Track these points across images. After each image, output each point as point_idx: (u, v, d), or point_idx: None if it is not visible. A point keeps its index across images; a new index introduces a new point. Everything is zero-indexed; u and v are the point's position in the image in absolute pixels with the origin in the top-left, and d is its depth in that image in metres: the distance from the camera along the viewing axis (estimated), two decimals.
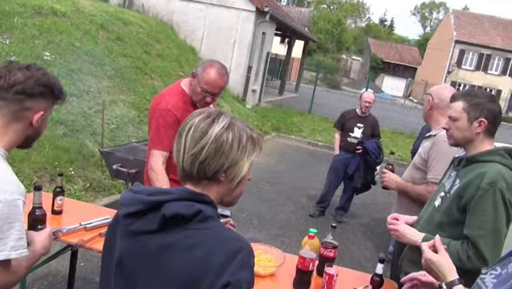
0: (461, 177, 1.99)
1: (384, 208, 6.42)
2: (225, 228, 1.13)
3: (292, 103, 15.96)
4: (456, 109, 2.00)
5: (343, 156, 5.57)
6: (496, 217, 1.84)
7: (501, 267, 1.41)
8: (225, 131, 1.12)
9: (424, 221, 2.12)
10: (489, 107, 1.97)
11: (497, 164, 1.90)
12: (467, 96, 2.00)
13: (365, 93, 5.65)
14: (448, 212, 1.98)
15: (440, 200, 2.06)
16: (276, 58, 25.02)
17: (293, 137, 11.26)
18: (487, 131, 1.98)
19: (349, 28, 60.36)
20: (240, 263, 1.04)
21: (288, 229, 5.10)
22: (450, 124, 2.03)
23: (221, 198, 1.18)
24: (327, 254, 2.25)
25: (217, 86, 2.43)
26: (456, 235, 1.94)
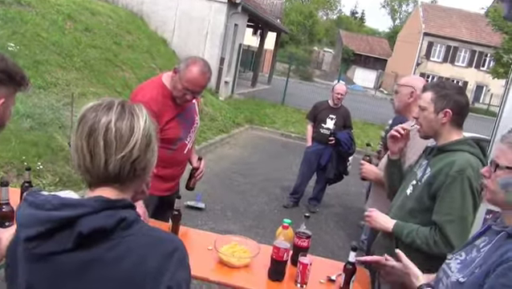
0: (431, 166, 2.04)
1: (356, 198, 6.54)
2: (153, 228, 1.05)
3: (265, 95, 15.98)
4: (425, 99, 2.05)
5: (316, 147, 5.62)
6: (463, 205, 1.90)
7: (465, 252, 1.47)
8: (149, 124, 1.06)
9: (397, 208, 2.17)
10: (456, 98, 2.03)
11: (466, 153, 1.96)
12: (436, 87, 2.05)
13: (337, 85, 5.71)
14: (419, 199, 2.04)
15: (412, 188, 2.12)
16: (248, 49, 24.93)
17: (266, 129, 11.29)
18: (453, 121, 2.04)
19: (321, 20, 60.67)
20: (177, 264, 0.99)
21: (262, 221, 5.12)
22: (419, 114, 2.09)
23: (135, 194, 1.10)
24: (301, 244, 2.28)
25: (199, 85, 2.38)
26: (426, 222, 2.00)
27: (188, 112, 2.60)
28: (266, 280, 2.14)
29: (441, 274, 1.50)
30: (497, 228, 1.38)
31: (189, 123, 2.61)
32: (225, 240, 2.34)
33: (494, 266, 1.24)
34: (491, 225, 1.43)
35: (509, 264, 1.20)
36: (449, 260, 1.52)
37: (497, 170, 1.32)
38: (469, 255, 1.43)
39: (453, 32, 34.62)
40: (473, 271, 1.32)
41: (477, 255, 1.38)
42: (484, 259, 1.32)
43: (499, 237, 1.33)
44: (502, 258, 1.23)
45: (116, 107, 1.03)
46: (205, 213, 5.09)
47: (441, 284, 1.47)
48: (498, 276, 1.21)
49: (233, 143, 9.32)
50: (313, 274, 2.16)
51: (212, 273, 2.13)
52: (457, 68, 34.27)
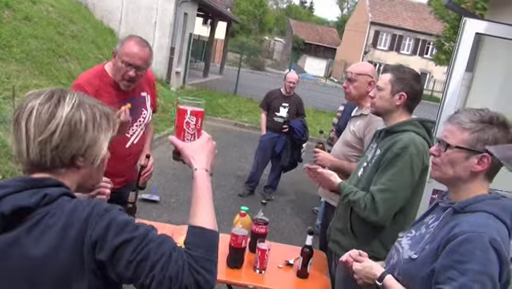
0: (380, 148, 2.12)
1: (310, 184, 6.60)
2: (77, 200, 1.01)
3: (217, 85, 15.86)
4: (384, 80, 2.13)
5: (270, 135, 5.66)
6: (400, 179, 1.99)
7: (415, 230, 1.53)
8: (76, 110, 1.01)
9: None
10: (412, 84, 2.13)
11: (411, 132, 2.05)
12: (395, 71, 2.14)
13: (289, 73, 5.76)
14: (369, 180, 2.11)
15: (363, 169, 2.19)
16: (199, 39, 24.60)
17: (219, 119, 11.23)
18: (406, 105, 2.13)
19: (271, 9, 60.85)
20: (95, 222, 0.95)
21: (218, 210, 5.06)
22: (376, 93, 2.16)
23: (80, 184, 1.08)
24: (259, 231, 2.30)
25: (138, 57, 2.24)
26: None
27: (133, 104, 2.42)
28: (225, 268, 2.15)
29: (393, 251, 1.56)
30: (444, 204, 1.45)
31: (134, 115, 2.43)
32: (183, 231, 2.31)
33: (443, 242, 1.30)
34: (438, 203, 1.50)
35: (458, 240, 1.26)
36: (400, 238, 1.58)
37: (447, 149, 1.37)
38: (419, 232, 1.50)
39: (397, 21, 35.84)
40: (424, 248, 1.38)
41: (426, 232, 1.44)
42: (433, 235, 1.38)
43: (446, 213, 1.39)
44: (450, 235, 1.29)
45: (46, 94, 1.01)
46: (160, 205, 5.01)
47: (392, 260, 1.52)
48: (449, 253, 1.26)
49: None
50: (271, 259, 2.19)
51: None
52: (403, 56, 35.53)
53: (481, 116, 1.34)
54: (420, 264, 1.36)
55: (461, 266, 1.22)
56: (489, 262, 1.21)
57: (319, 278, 2.21)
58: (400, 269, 1.45)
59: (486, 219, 1.29)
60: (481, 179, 1.37)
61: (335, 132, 4.37)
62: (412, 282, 1.38)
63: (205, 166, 1.14)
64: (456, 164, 1.36)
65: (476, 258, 1.21)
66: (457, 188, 1.40)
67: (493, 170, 1.36)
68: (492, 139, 1.31)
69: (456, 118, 1.38)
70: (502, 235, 1.26)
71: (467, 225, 1.27)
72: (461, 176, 1.37)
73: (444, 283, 1.24)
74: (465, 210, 1.34)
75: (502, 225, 1.29)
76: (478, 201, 1.34)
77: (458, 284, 1.21)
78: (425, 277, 1.33)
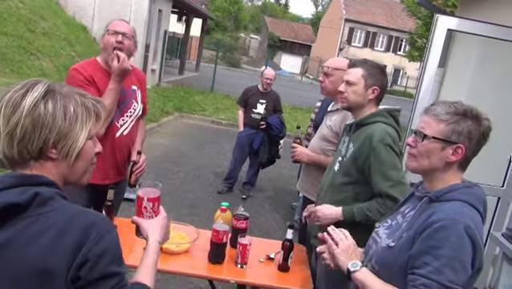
0: (353, 141, 2.16)
1: (289, 180, 6.71)
2: (71, 205, 1.01)
3: (193, 83, 15.76)
4: (355, 75, 2.16)
5: (248, 132, 5.67)
6: (394, 166, 2.03)
7: (391, 219, 1.58)
8: (41, 100, 0.98)
9: (328, 185, 2.26)
10: (382, 78, 2.20)
11: (381, 123, 2.10)
12: (365, 65, 2.17)
13: (266, 70, 5.78)
14: (347, 173, 2.15)
15: (339, 164, 2.22)
16: (174, 36, 24.37)
17: (196, 116, 11.17)
18: (377, 98, 2.18)
19: (246, 6, 60.73)
20: (97, 237, 0.96)
21: (198, 208, 5.10)
22: (346, 88, 2.18)
23: (64, 178, 1.06)
24: (240, 226, 2.31)
25: (123, 26, 2.37)
26: (355, 193, 2.12)
27: (124, 95, 2.49)
28: (207, 264, 2.15)
29: (371, 241, 1.60)
30: (419, 194, 1.50)
31: (124, 104, 2.48)
32: None
33: (420, 230, 1.34)
34: (414, 192, 1.55)
35: (434, 227, 1.30)
36: (377, 228, 1.61)
37: (424, 140, 1.41)
38: (395, 221, 1.54)
39: (371, 18, 36.34)
40: (401, 236, 1.42)
41: (403, 221, 1.48)
42: (410, 224, 1.42)
43: (422, 202, 1.43)
44: (426, 223, 1.33)
45: (21, 85, 1.00)
46: None
47: (371, 250, 1.56)
48: (425, 239, 1.31)
49: (163, 132, 9.11)
50: (252, 254, 2.20)
51: None
52: (377, 53, 36.06)
53: (456, 108, 1.39)
54: (398, 252, 1.40)
55: (436, 252, 1.27)
56: (462, 248, 1.26)
57: (300, 272, 2.23)
58: (378, 258, 1.48)
59: (461, 207, 1.34)
60: (455, 169, 1.42)
61: (313, 128, 4.42)
62: (390, 270, 1.42)
63: (158, 239, 1.31)
64: (432, 154, 1.41)
65: (450, 244, 1.26)
66: (432, 178, 1.45)
67: (466, 161, 1.42)
68: (466, 131, 1.37)
69: (432, 110, 1.43)
70: (476, 222, 1.31)
71: (443, 213, 1.32)
72: (436, 166, 1.41)
73: (418, 268, 1.29)
74: (441, 199, 1.38)
75: (476, 213, 1.34)
76: (453, 190, 1.39)
77: (431, 268, 1.26)
78: (403, 264, 1.37)
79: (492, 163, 3.97)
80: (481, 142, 1.39)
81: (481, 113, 1.40)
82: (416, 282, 1.27)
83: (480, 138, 1.38)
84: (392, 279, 1.43)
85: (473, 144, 1.38)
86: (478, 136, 1.38)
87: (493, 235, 2.71)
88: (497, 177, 3.78)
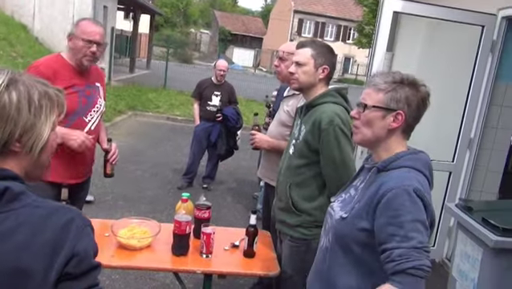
0: (305, 123, 2.17)
1: (248, 171, 6.71)
2: (45, 200, 0.98)
3: (145, 80, 15.41)
4: (304, 55, 2.15)
5: (204, 125, 5.61)
6: (340, 149, 2.03)
7: (344, 193, 1.61)
8: (4, 91, 0.92)
9: (285, 169, 2.25)
10: (331, 57, 2.22)
11: (330, 104, 2.11)
12: (313, 45, 2.17)
13: (219, 61, 5.73)
14: (301, 155, 2.15)
15: (293, 147, 2.22)
16: (122, 34, 23.68)
17: (150, 114, 10.93)
18: (327, 77, 2.19)
19: (194, 1, 60.00)
20: (78, 234, 0.94)
21: (158, 205, 5.00)
22: (297, 69, 2.17)
23: (25, 173, 1.01)
24: (202, 216, 2.28)
25: (96, 32, 2.35)
26: (313, 174, 2.13)
27: (90, 91, 2.48)
28: (171, 256, 2.10)
29: (327, 216, 1.62)
30: (368, 166, 1.54)
31: (90, 101, 2.47)
32: (122, 224, 2.23)
33: (374, 202, 1.37)
34: (364, 165, 1.59)
35: (387, 197, 1.34)
36: (333, 202, 1.64)
37: (365, 110, 1.46)
38: (348, 194, 1.58)
39: (320, 9, 36.93)
40: (354, 207, 1.46)
41: (355, 193, 1.53)
42: (361, 195, 1.46)
43: (371, 173, 1.47)
44: (379, 194, 1.36)
45: None
46: (95, 205, 4.79)
47: (327, 224, 1.59)
48: (383, 212, 1.34)
49: (116, 132, 8.85)
50: (217, 243, 2.18)
51: (112, 259, 2.02)
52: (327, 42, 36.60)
53: (393, 77, 1.45)
54: (350, 222, 1.43)
55: (397, 220, 1.30)
56: (418, 210, 1.32)
57: (267, 256, 2.23)
58: (333, 230, 1.52)
59: (408, 173, 1.39)
60: (399, 137, 1.47)
61: (270, 118, 4.42)
62: (345, 240, 1.46)
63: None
64: (374, 123, 1.45)
65: (407, 209, 1.31)
66: (378, 148, 1.49)
67: (409, 127, 1.47)
68: (404, 97, 1.42)
69: (372, 81, 1.49)
70: (423, 184, 1.37)
71: (392, 182, 1.36)
72: (379, 134, 1.46)
73: (386, 242, 1.31)
74: (388, 168, 1.43)
75: (422, 176, 1.40)
76: (399, 158, 1.43)
77: (399, 237, 1.28)
78: (356, 233, 1.41)
79: (442, 140, 4.14)
80: (420, 107, 1.44)
81: (418, 80, 1.45)
82: (391, 256, 1.29)
83: (419, 103, 1.43)
84: (347, 250, 1.45)
85: (412, 109, 1.42)
86: (417, 102, 1.43)
87: (448, 206, 2.82)
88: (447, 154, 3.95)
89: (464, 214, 2.61)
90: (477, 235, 2.44)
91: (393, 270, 1.27)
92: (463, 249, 2.66)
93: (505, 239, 2.27)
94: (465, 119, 3.85)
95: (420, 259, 1.26)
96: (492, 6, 3.65)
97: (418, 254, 1.26)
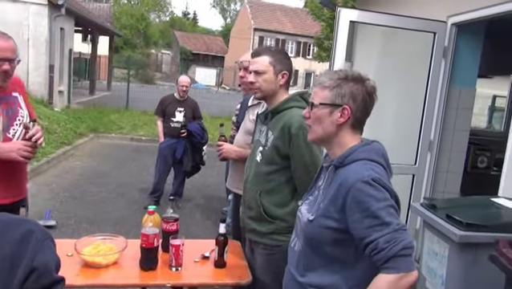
0: (272, 130, 2.16)
1: (216, 187, 6.66)
2: (2, 213, 0.94)
3: (107, 102, 15.13)
4: (263, 63, 2.16)
5: (169, 141, 5.54)
6: (311, 153, 2.04)
7: (310, 195, 1.62)
8: None
9: (253, 176, 2.23)
10: (288, 62, 2.23)
11: (296, 108, 2.12)
12: (269, 52, 2.19)
13: (181, 77, 5.71)
14: (270, 162, 2.13)
15: (261, 154, 2.20)
16: (81, 57, 23.26)
17: (113, 136, 10.72)
18: (286, 83, 2.21)
19: (154, 23, 59.78)
20: (37, 247, 0.90)
21: (124, 225, 4.86)
22: (257, 78, 2.17)
23: None
24: (170, 228, 2.22)
25: (6, 49, 2.14)
26: (284, 179, 2.11)
27: (7, 103, 2.27)
28: (139, 272, 2.04)
29: (297, 220, 1.62)
30: (326, 164, 1.55)
31: (11, 114, 2.27)
32: (86, 242, 2.15)
33: (339, 203, 1.38)
34: (323, 165, 1.60)
35: (351, 195, 1.35)
36: (300, 206, 1.64)
37: (313, 108, 1.49)
38: (313, 196, 1.59)
39: (279, 26, 37.65)
40: (318, 208, 1.47)
41: (318, 194, 1.53)
42: (324, 195, 1.47)
43: (329, 171, 1.49)
44: (341, 193, 1.38)
45: None
46: (58, 230, 4.61)
47: (298, 228, 1.58)
48: (352, 209, 1.35)
49: (78, 154, 8.62)
50: (187, 255, 2.13)
51: (77, 278, 1.93)
52: None
53: (338, 74, 1.48)
54: (317, 223, 1.44)
55: (369, 212, 1.32)
56: (382, 195, 1.34)
57: (238, 265, 2.20)
58: (303, 233, 1.52)
59: (364, 165, 1.41)
60: (349, 131, 1.49)
61: (236, 129, 4.41)
62: (315, 241, 1.46)
63: None
64: (322, 120, 1.48)
65: (374, 199, 1.33)
66: (331, 144, 1.52)
67: (358, 121, 1.49)
68: (348, 92, 1.45)
69: (318, 80, 1.53)
70: (379, 172, 1.40)
71: (351, 177, 1.38)
72: (329, 131, 1.48)
73: (367, 235, 1.32)
74: (344, 163, 1.44)
75: (378, 166, 1.43)
76: (352, 152, 1.46)
77: (379, 227, 1.30)
78: (324, 233, 1.42)
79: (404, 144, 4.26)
80: (366, 101, 1.46)
81: (363, 75, 1.49)
82: (378, 246, 1.29)
83: (364, 97, 1.46)
84: (319, 251, 1.46)
85: (358, 103, 1.45)
86: (362, 96, 1.45)
87: (413, 206, 2.87)
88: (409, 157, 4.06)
89: (429, 212, 2.66)
90: (442, 231, 2.49)
91: (385, 257, 1.28)
92: (430, 246, 2.70)
93: (469, 234, 2.33)
94: (424, 122, 3.97)
95: (405, 238, 1.29)
96: (442, 14, 3.82)
97: (401, 235, 1.29)
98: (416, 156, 4.03)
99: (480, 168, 4.77)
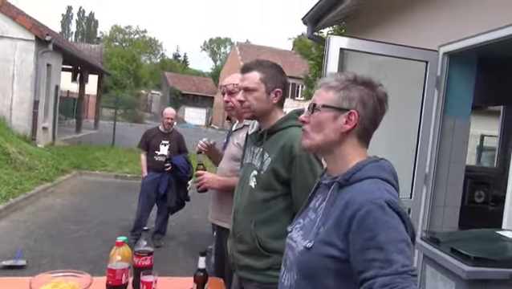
0: (268, 151, 1.94)
1: (202, 224, 6.34)
2: None
3: (93, 139, 14.90)
4: (253, 80, 1.96)
5: (153, 176, 5.30)
6: (315, 176, 1.81)
7: (303, 219, 1.37)
8: None
9: (246, 205, 1.98)
10: (282, 78, 2.03)
11: (295, 128, 1.91)
12: (261, 67, 1.99)
13: (166, 109, 5.55)
14: (267, 187, 1.90)
15: (255, 179, 1.96)
16: (69, 96, 23.13)
17: (97, 173, 10.42)
18: (280, 101, 2.01)
19: (144, 64, 60.52)
20: None
21: (101, 265, 4.50)
22: (246, 96, 1.97)
23: None
24: (143, 264, 1.95)
25: None
26: (283, 207, 1.89)
27: None
28: None
29: (287, 249, 1.37)
30: (327, 181, 1.31)
31: None
32: (43, 279, 1.86)
33: (344, 227, 1.15)
34: (320, 182, 1.37)
35: (360, 215, 1.11)
36: (290, 232, 1.40)
37: (314, 111, 1.27)
38: (307, 219, 1.34)
39: None
40: (318, 232, 1.22)
41: (316, 216, 1.28)
42: (325, 217, 1.23)
43: (332, 189, 1.25)
44: (347, 215, 1.14)
45: None
46: (28, 270, 4.26)
47: (289, 260, 1.33)
48: (356, 234, 1.12)
49: (59, 191, 8.28)
50: None
51: None
52: None
53: (346, 75, 1.27)
54: (317, 251, 1.19)
55: (375, 242, 1.08)
56: (396, 225, 1.10)
57: None
58: (297, 263, 1.26)
59: (375, 184, 1.18)
60: (355, 142, 1.27)
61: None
62: (313, 273, 1.21)
63: None
64: (324, 125, 1.26)
65: (384, 226, 1.09)
66: (333, 156, 1.29)
67: (365, 132, 1.27)
68: (358, 96, 1.24)
69: (323, 80, 1.31)
70: (394, 194, 1.17)
71: (360, 197, 1.15)
72: (331, 138, 1.26)
73: (365, 270, 1.08)
74: (351, 181, 1.22)
75: (390, 186, 1.21)
76: (360, 168, 1.23)
77: (379, 263, 1.06)
78: (325, 263, 1.17)
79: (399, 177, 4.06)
80: (377, 109, 1.25)
81: (374, 80, 1.28)
82: (374, 287, 1.05)
83: (375, 104, 1.25)
84: (316, 285, 1.20)
85: (367, 110, 1.24)
86: (373, 103, 1.24)
87: None
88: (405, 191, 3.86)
89: (431, 246, 2.43)
90: (447, 267, 2.26)
91: None
92: (433, 285, 2.46)
93: (478, 269, 2.10)
94: (419, 154, 3.80)
95: (408, 286, 1.03)
96: (433, 43, 3.74)
97: (403, 281, 1.04)
98: (412, 190, 3.83)
99: (478, 203, 4.58)
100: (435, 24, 3.83)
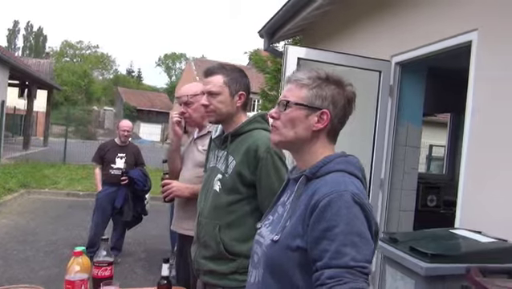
0: (233, 154, 1.93)
1: (160, 239, 6.18)
2: None
3: (42, 157, 14.27)
4: (216, 83, 1.96)
5: (108, 190, 5.12)
6: (280, 178, 1.82)
7: (272, 215, 1.37)
8: None
9: (210, 209, 1.95)
10: (245, 81, 2.04)
11: (260, 130, 1.93)
12: (224, 70, 1.99)
13: (122, 121, 5.42)
14: (233, 191, 1.89)
15: (220, 183, 1.94)
16: (15, 113, 22.10)
17: (47, 191, 9.94)
18: (244, 104, 2.02)
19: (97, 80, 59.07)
20: None
21: (53, 284, 4.28)
22: (210, 100, 1.96)
23: None
24: (103, 274, 1.89)
25: None
26: (248, 209, 1.87)
27: None
28: None
29: (255, 246, 1.35)
30: (294, 176, 1.32)
31: None
32: None
33: (307, 213, 1.15)
34: (289, 178, 1.37)
35: (321, 205, 1.12)
36: (259, 228, 1.39)
37: (286, 108, 1.26)
38: (276, 214, 1.34)
39: None
40: (284, 226, 1.22)
41: (284, 210, 1.28)
42: (292, 210, 1.23)
43: (299, 183, 1.26)
44: (312, 204, 1.15)
45: None
46: None
47: (256, 255, 1.32)
48: (316, 224, 1.12)
49: (5, 211, 7.82)
50: None
51: None
52: None
53: (317, 73, 1.28)
54: (284, 243, 1.19)
55: (331, 233, 1.09)
56: (356, 218, 1.11)
57: None
58: (264, 258, 1.25)
59: (342, 177, 1.20)
60: (324, 140, 1.29)
61: None
62: (279, 266, 1.20)
63: None
64: (296, 123, 1.26)
65: (343, 218, 1.10)
66: (302, 152, 1.30)
67: (334, 130, 1.29)
68: (330, 95, 1.25)
69: (294, 76, 1.31)
70: (360, 188, 1.18)
71: (325, 187, 1.16)
72: (302, 136, 1.27)
73: (318, 259, 1.09)
74: (318, 175, 1.23)
75: (356, 179, 1.22)
76: (328, 162, 1.24)
77: (330, 253, 1.07)
78: (291, 255, 1.17)
79: None
80: (346, 108, 1.28)
81: (343, 78, 1.31)
82: (321, 278, 1.06)
83: (345, 104, 1.27)
84: (281, 278, 1.19)
85: (338, 109, 1.26)
86: (343, 102, 1.27)
87: None
88: None
89: (390, 246, 2.49)
90: (406, 266, 2.31)
91: None
92: (393, 284, 2.50)
93: (436, 265, 2.17)
94: (375, 160, 3.91)
95: (354, 282, 1.03)
96: (386, 53, 3.89)
97: (351, 276, 1.04)
98: (368, 195, 3.93)
99: (430, 207, 4.77)
100: (387, 34, 3.99)
